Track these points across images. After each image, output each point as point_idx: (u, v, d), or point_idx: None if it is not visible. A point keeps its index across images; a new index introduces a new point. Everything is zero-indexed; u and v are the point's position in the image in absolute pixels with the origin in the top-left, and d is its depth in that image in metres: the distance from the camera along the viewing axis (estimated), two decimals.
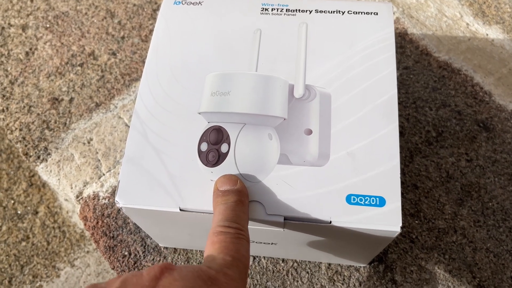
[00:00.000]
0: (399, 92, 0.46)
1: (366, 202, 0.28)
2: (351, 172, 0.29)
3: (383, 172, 0.29)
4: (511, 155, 0.42)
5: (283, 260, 0.39)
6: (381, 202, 0.28)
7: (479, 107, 0.45)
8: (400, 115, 0.45)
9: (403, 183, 0.42)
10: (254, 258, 0.40)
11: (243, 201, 0.27)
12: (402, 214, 0.40)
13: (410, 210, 0.41)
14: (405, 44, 0.49)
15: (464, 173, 0.42)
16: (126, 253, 0.41)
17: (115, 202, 0.29)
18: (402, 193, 0.41)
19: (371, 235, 0.28)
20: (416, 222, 0.40)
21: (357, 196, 0.28)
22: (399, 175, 0.28)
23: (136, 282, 0.21)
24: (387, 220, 0.27)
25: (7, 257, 0.54)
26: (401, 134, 0.44)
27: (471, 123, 0.44)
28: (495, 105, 0.45)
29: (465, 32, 0.50)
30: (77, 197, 0.44)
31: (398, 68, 0.48)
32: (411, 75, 0.47)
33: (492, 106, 0.45)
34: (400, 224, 0.27)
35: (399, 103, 0.46)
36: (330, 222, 0.28)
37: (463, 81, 0.47)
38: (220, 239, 0.24)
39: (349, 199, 0.28)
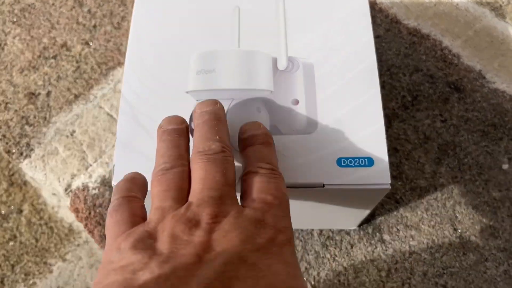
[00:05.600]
0: None
1: (356, 164, 0.29)
2: (339, 137, 0.30)
3: (369, 134, 0.30)
4: (481, 113, 0.45)
5: None
6: (369, 162, 0.29)
7: (449, 70, 0.47)
8: None
9: None
10: None
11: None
12: None
13: (393, 172, 0.43)
14: (375, 14, 0.51)
15: (440, 133, 0.44)
16: None
17: (112, 185, 0.29)
18: None
19: (362, 194, 0.30)
20: (399, 183, 0.42)
21: (347, 158, 0.29)
22: (384, 136, 0.30)
23: (188, 240, 0.21)
24: (377, 178, 0.29)
25: None
26: None
27: (443, 86, 0.46)
28: (463, 66, 0.47)
29: None
30: (66, 190, 0.44)
31: None
32: (383, 43, 0.49)
33: (461, 67, 0.47)
34: (389, 181, 0.29)
35: None
36: (323, 185, 0.29)
37: (432, 46, 0.49)
38: (253, 178, 0.24)
39: (339, 162, 0.29)
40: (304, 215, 0.36)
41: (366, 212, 0.35)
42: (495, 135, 0.44)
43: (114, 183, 0.29)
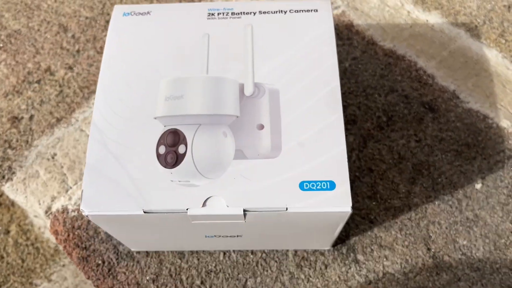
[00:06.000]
0: (349, 82, 0.49)
1: (318, 187, 0.30)
2: (302, 160, 0.31)
3: (331, 158, 0.31)
4: (455, 133, 0.46)
5: (252, 252, 0.41)
6: (331, 185, 0.30)
7: (424, 90, 0.48)
8: (351, 104, 0.47)
9: (359, 168, 0.44)
10: (225, 253, 0.41)
11: None
12: (360, 197, 0.43)
13: (367, 192, 0.43)
14: (352, 36, 0.52)
15: (414, 153, 0.45)
16: (99, 262, 0.42)
17: (81, 210, 0.30)
18: (358, 177, 0.44)
19: (325, 217, 0.31)
20: (374, 203, 0.43)
21: (309, 182, 0.30)
22: (346, 160, 0.31)
23: None
24: (338, 202, 0.29)
25: None
26: (354, 121, 0.46)
27: (418, 106, 0.47)
28: (438, 86, 0.48)
29: (406, 19, 0.53)
30: (46, 212, 0.45)
31: (347, 59, 0.50)
32: (360, 65, 0.50)
33: (435, 88, 0.48)
34: (350, 205, 0.29)
35: (350, 93, 0.48)
36: (287, 209, 0.30)
37: (407, 67, 0.50)
38: None
39: (302, 185, 0.30)
40: (276, 236, 0.36)
41: (335, 233, 0.35)
42: (469, 155, 0.44)
43: (82, 208, 0.30)
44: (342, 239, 0.41)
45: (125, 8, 0.38)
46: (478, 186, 0.43)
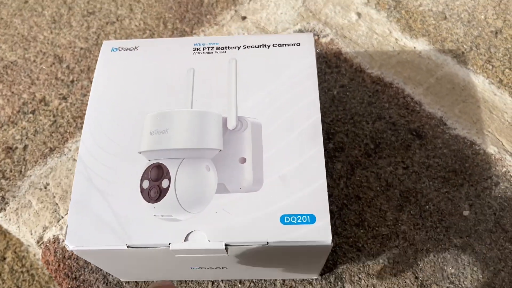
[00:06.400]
0: (337, 110, 0.49)
1: (299, 221, 0.30)
2: (283, 194, 0.31)
3: (312, 191, 0.31)
4: (442, 159, 0.46)
5: (240, 282, 0.41)
6: (312, 219, 0.30)
7: (411, 117, 0.49)
8: (339, 131, 0.48)
9: (346, 195, 0.44)
10: (213, 282, 0.42)
11: None
12: (348, 225, 0.43)
13: (355, 220, 0.43)
14: (340, 64, 0.53)
15: (402, 180, 0.45)
16: None
17: (65, 246, 0.31)
18: (346, 205, 0.44)
19: (307, 250, 0.31)
20: (362, 231, 0.43)
21: (290, 215, 0.30)
22: (326, 193, 0.31)
23: None
24: (319, 236, 0.30)
25: None
26: (342, 149, 0.47)
27: (405, 133, 0.48)
28: (425, 113, 0.49)
29: (394, 47, 0.54)
30: (38, 242, 0.45)
31: (335, 87, 0.51)
32: (348, 92, 0.51)
33: (422, 114, 0.49)
34: (330, 238, 0.30)
35: (338, 120, 0.49)
36: (268, 243, 0.30)
37: (395, 94, 0.50)
38: None
39: (282, 219, 0.30)
40: (261, 267, 0.37)
41: (320, 264, 0.36)
42: (456, 181, 0.45)
43: (67, 243, 0.31)
44: (330, 267, 0.41)
45: (113, 44, 0.39)
46: (466, 213, 0.43)
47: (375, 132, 0.48)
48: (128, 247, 0.30)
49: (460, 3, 0.57)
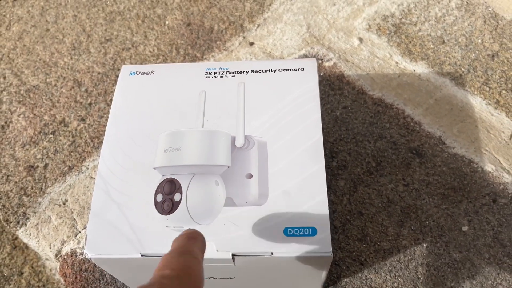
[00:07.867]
0: (340, 130, 0.52)
1: (301, 233, 0.32)
2: (287, 208, 0.33)
3: (314, 205, 0.33)
4: (441, 177, 0.48)
5: None
6: (313, 232, 0.32)
7: (411, 136, 0.51)
8: (342, 150, 0.50)
9: (349, 211, 0.46)
10: None
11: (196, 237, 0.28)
12: (351, 240, 0.45)
13: (357, 235, 0.45)
14: (342, 86, 0.55)
15: (403, 197, 0.47)
16: None
17: (84, 254, 0.33)
18: (349, 220, 0.46)
19: (309, 261, 0.33)
20: (364, 246, 0.45)
21: (293, 228, 0.33)
22: (327, 207, 0.33)
23: None
24: (320, 247, 0.32)
25: None
26: (345, 167, 0.49)
27: (405, 151, 0.50)
28: (425, 133, 0.51)
29: (395, 70, 0.57)
30: (56, 255, 0.48)
31: (338, 108, 0.54)
32: (350, 113, 0.53)
33: (422, 134, 0.51)
34: (331, 249, 0.32)
35: (341, 139, 0.51)
36: (272, 253, 0.32)
37: (395, 114, 0.53)
38: (162, 258, 0.24)
39: (286, 231, 0.33)
40: (266, 278, 0.39)
41: (322, 276, 0.37)
42: (455, 198, 0.47)
43: (86, 252, 0.33)
44: (333, 280, 0.43)
45: (131, 68, 0.42)
46: (465, 228, 0.45)
47: (376, 151, 0.50)
48: (142, 255, 0.33)
49: (457, 28, 0.60)
